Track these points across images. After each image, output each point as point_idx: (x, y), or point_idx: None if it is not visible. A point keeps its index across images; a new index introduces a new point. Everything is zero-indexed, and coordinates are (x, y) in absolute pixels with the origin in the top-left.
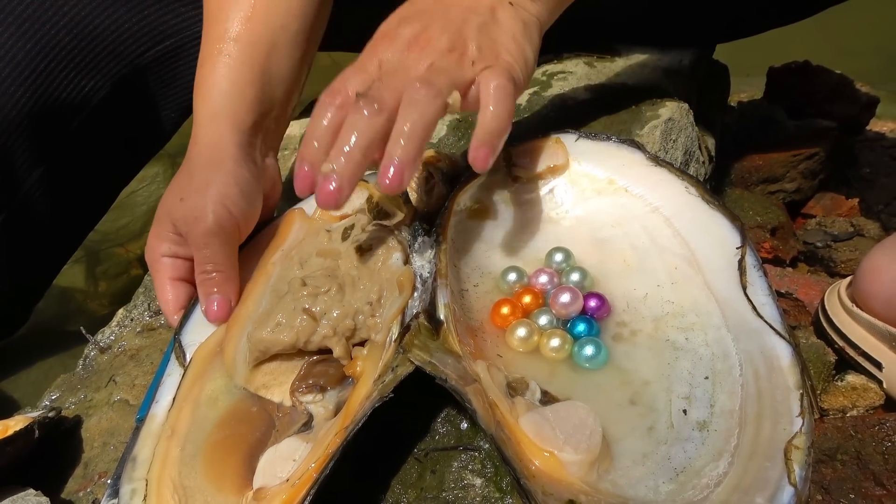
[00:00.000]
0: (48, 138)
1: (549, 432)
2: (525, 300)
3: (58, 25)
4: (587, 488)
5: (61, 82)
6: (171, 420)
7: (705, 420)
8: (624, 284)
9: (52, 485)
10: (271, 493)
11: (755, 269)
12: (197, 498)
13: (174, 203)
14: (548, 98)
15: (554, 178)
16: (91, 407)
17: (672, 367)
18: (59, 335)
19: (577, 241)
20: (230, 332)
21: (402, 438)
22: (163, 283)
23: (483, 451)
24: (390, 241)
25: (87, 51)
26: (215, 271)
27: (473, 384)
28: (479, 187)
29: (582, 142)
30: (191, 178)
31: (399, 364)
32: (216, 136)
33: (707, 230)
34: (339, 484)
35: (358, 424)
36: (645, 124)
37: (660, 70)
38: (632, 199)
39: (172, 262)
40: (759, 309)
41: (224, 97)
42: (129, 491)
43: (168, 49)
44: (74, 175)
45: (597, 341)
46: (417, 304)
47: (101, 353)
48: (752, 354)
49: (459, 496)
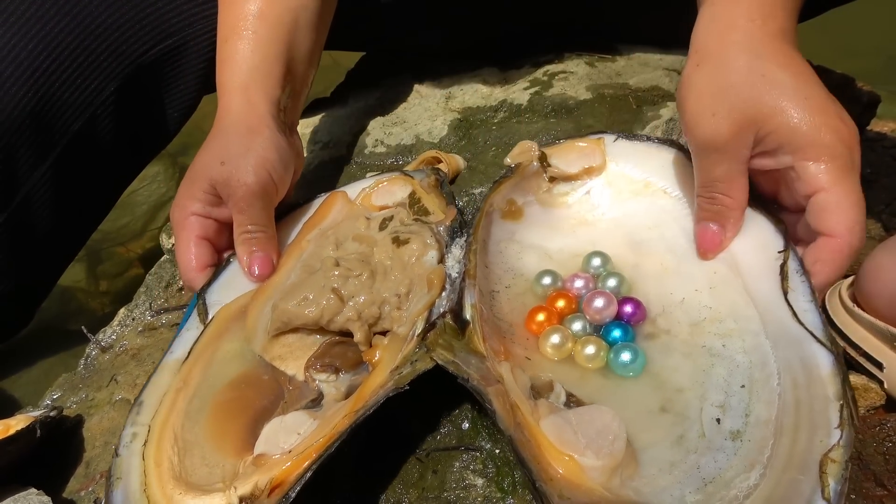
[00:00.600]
0: (51, 138)
1: (571, 436)
2: (559, 304)
3: (60, 24)
4: (608, 494)
5: (64, 82)
6: (183, 372)
7: (739, 430)
8: (660, 288)
9: (53, 484)
10: (272, 462)
11: (798, 274)
12: (195, 453)
13: (214, 165)
14: (549, 97)
15: (590, 179)
16: (92, 406)
17: (707, 374)
18: (60, 334)
19: (612, 244)
20: (256, 298)
21: (403, 438)
22: (188, 242)
23: (484, 451)
24: (428, 239)
25: (89, 50)
26: (258, 231)
27: (496, 385)
28: (512, 188)
29: (621, 142)
30: (228, 144)
31: (419, 359)
32: (250, 105)
33: (748, 233)
34: (340, 484)
35: (369, 410)
36: (646, 124)
37: (661, 70)
38: (670, 201)
39: (201, 223)
40: (799, 315)
41: (254, 71)
42: (130, 434)
43: (171, 47)
44: (77, 175)
45: (634, 347)
46: (445, 304)
47: (102, 353)
48: (791, 362)
49: (461, 496)
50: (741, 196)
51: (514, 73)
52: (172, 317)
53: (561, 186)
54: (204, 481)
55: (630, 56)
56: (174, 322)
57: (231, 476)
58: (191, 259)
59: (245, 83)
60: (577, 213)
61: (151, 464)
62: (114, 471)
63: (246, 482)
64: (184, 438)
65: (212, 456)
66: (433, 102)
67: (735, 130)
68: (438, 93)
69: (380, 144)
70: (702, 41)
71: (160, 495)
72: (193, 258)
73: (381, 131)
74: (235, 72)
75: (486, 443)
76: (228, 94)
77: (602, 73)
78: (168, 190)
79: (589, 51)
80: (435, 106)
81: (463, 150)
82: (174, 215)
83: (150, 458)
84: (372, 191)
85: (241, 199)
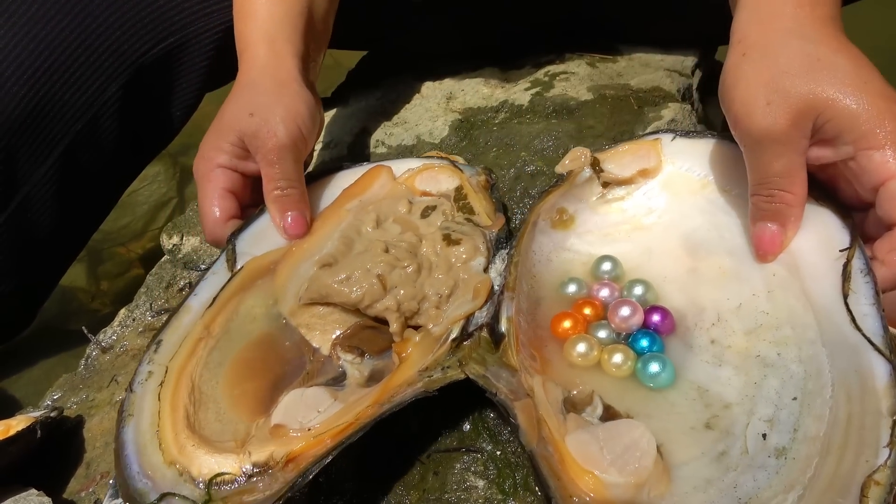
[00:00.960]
0: (52, 138)
1: (596, 452)
2: (585, 312)
3: (61, 24)
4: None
5: (66, 81)
6: (206, 319)
7: (785, 446)
8: (717, 293)
9: (53, 485)
10: (291, 437)
11: (862, 275)
12: (210, 406)
13: (242, 117)
14: (550, 98)
15: (645, 181)
16: (93, 407)
17: (759, 386)
18: (60, 335)
19: (668, 248)
20: (288, 258)
21: (404, 440)
22: (213, 194)
23: (485, 452)
24: (479, 244)
25: (91, 49)
26: (290, 187)
27: (524, 399)
28: (562, 196)
29: (679, 141)
30: (257, 95)
31: (450, 366)
32: (277, 57)
33: (812, 229)
34: (341, 485)
35: (395, 407)
36: (648, 125)
37: (662, 70)
38: (731, 199)
39: (227, 175)
40: (858, 320)
41: (279, 24)
42: (146, 371)
43: (173, 45)
44: (79, 174)
45: (662, 358)
46: (484, 315)
47: (102, 353)
48: (846, 373)
49: (462, 498)
50: (802, 191)
51: (515, 73)
52: None
53: (615, 191)
54: (216, 437)
55: (631, 56)
56: None
57: (243, 437)
58: (215, 211)
59: (272, 35)
60: (633, 218)
61: (167, 406)
62: (126, 407)
63: (261, 450)
64: (200, 389)
65: (226, 413)
66: (434, 103)
67: (793, 118)
68: (439, 93)
69: (380, 145)
70: (745, 31)
71: (172, 440)
72: (218, 210)
73: (381, 132)
74: (259, 24)
75: (488, 444)
76: (254, 45)
77: (603, 74)
78: (168, 190)
79: (590, 51)
80: (436, 106)
81: (464, 150)
82: (198, 167)
83: (166, 401)
84: (417, 173)
85: (270, 151)
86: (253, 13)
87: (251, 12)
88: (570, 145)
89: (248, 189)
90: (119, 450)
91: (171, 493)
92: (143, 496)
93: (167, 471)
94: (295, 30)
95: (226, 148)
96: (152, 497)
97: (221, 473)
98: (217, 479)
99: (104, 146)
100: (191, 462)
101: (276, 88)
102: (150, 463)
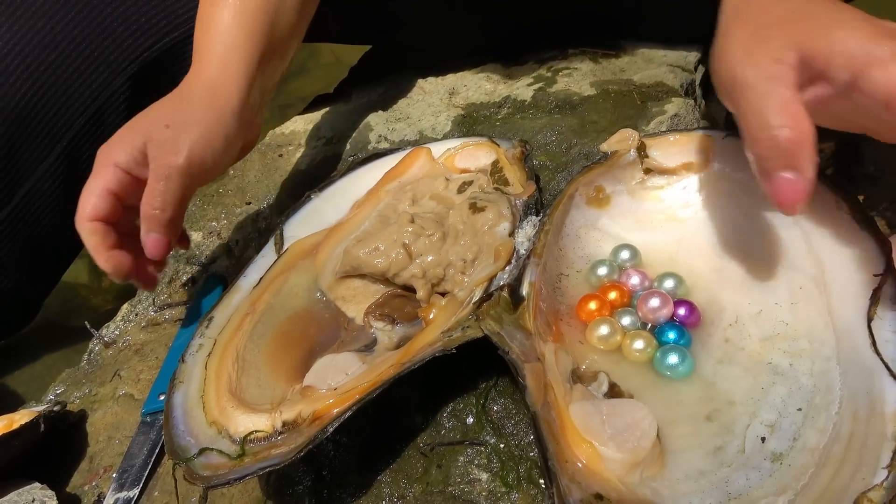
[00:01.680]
0: (56, 132)
1: (597, 424)
2: (610, 296)
3: (66, 19)
4: (622, 488)
5: (70, 76)
6: (252, 297)
7: (782, 452)
8: (739, 297)
9: (57, 478)
10: (318, 396)
11: (891, 302)
12: (251, 373)
13: (157, 126)
14: (553, 93)
15: (689, 174)
16: (96, 401)
17: (765, 391)
18: (63, 330)
19: (698, 245)
20: (329, 238)
21: (407, 433)
22: (97, 187)
23: (489, 445)
24: (504, 209)
25: (95, 44)
26: (161, 209)
27: (535, 362)
28: (602, 175)
29: (730, 140)
30: (182, 108)
31: (470, 326)
32: (225, 78)
33: (847, 251)
34: (344, 477)
35: (415, 365)
36: (651, 120)
37: (665, 66)
38: (771, 207)
39: (118, 176)
40: (880, 345)
41: (235, 47)
42: (197, 344)
43: (177, 40)
44: (82, 169)
45: (682, 350)
46: (506, 277)
47: (105, 348)
48: (856, 393)
49: (465, 490)
50: (807, 125)
51: (518, 69)
52: (175, 312)
53: (656, 179)
54: (254, 401)
55: (634, 52)
56: (177, 317)
57: (279, 401)
58: (88, 203)
59: (225, 56)
60: (669, 209)
61: (212, 374)
62: (178, 375)
63: (291, 409)
64: (244, 358)
65: (266, 379)
66: (436, 98)
67: (775, 56)
68: (442, 88)
69: (383, 140)
70: (734, 3)
71: (214, 403)
72: (90, 207)
73: (384, 127)
74: (216, 41)
75: (491, 438)
76: (207, 61)
77: (606, 70)
78: None
79: (593, 47)
80: (438, 102)
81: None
82: (100, 153)
83: (212, 369)
84: (456, 152)
85: (162, 167)
86: (214, 27)
87: (212, 23)
88: (574, 140)
89: (138, 192)
90: (168, 412)
91: (210, 447)
92: (186, 451)
93: (208, 429)
94: (253, 53)
95: (128, 149)
96: (193, 451)
97: (255, 431)
98: (251, 436)
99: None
100: (229, 422)
101: (206, 111)
102: (194, 423)
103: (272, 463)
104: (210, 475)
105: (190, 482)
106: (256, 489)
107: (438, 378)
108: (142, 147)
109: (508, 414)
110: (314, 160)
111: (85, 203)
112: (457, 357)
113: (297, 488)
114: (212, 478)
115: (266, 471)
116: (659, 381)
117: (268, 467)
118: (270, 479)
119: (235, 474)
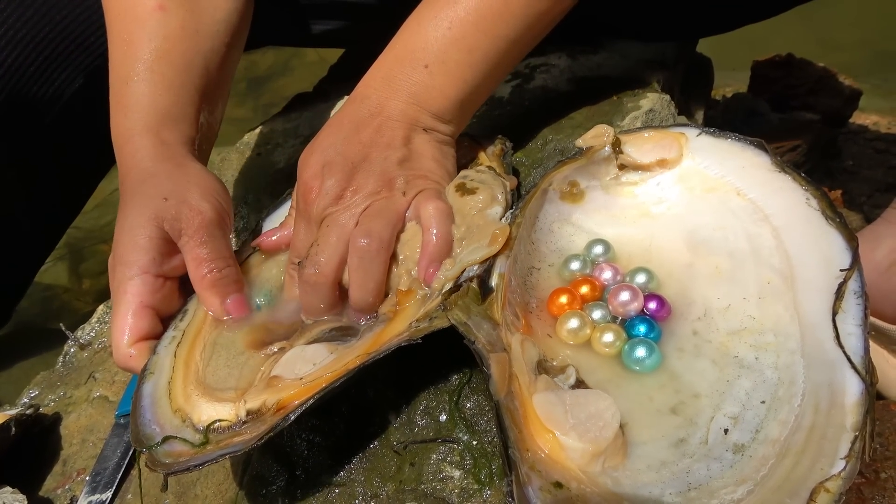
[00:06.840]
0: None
1: (560, 414)
2: (582, 290)
3: (22, 19)
4: (582, 477)
5: (31, 75)
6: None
7: (744, 444)
8: (708, 292)
9: (29, 482)
10: (284, 385)
11: (855, 297)
12: (222, 353)
13: (156, 205)
14: (530, 90)
15: (662, 171)
16: (70, 404)
17: (730, 384)
18: (41, 333)
19: (670, 240)
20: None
21: (380, 431)
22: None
23: (462, 443)
24: (498, 194)
25: (55, 42)
26: (226, 267)
27: (501, 353)
28: (577, 170)
29: (704, 137)
30: (161, 181)
31: (437, 316)
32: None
33: (816, 247)
34: (317, 476)
35: (380, 354)
36: (626, 115)
37: (642, 62)
38: (742, 204)
39: (146, 284)
40: (842, 338)
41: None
42: (170, 336)
43: None
44: (50, 169)
45: (651, 344)
46: (476, 268)
47: (80, 350)
48: (818, 386)
49: (438, 488)
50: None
51: None
52: None
53: (630, 175)
54: (221, 385)
55: (611, 49)
56: None
57: (246, 387)
58: (124, 336)
59: (155, 126)
60: (642, 205)
61: (181, 363)
62: (149, 366)
63: (256, 398)
64: (214, 342)
65: (236, 358)
66: None
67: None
68: None
69: None
70: None
71: (180, 392)
72: (127, 334)
73: None
74: (142, 116)
75: (464, 435)
76: (137, 137)
77: (583, 66)
78: None
79: (570, 43)
80: None
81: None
82: (116, 275)
83: (181, 358)
84: None
85: (198, 231)
86: (136, 103)
87: (134, 102)
88: (549, 136)
89: (173, 295)
90: (136, 402)
91: (174, 436)
92: (150, 439)
93: (173, 418)
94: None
95: (144, 244)
96: (157, 440)
97: (218, 420)
98: (214, 425)
99: (74, 140)
100: (193, 410)
101: (179, 171)
102: (161, 412)
103: (233, 450)
104: (171, 462)
105: (152, 469)
106: (230, 489)
107: (412, 376)
108: (156, 234)
109: (481, 411)
110: (292, 158)
111: (117, 338)
112: (430, 354)
113: (270, 488)
114: (173, 465)
115: (226, 457)
116: (627, 374)
117: (228, 454)
118: (244, 479)
119: (196, 461)
